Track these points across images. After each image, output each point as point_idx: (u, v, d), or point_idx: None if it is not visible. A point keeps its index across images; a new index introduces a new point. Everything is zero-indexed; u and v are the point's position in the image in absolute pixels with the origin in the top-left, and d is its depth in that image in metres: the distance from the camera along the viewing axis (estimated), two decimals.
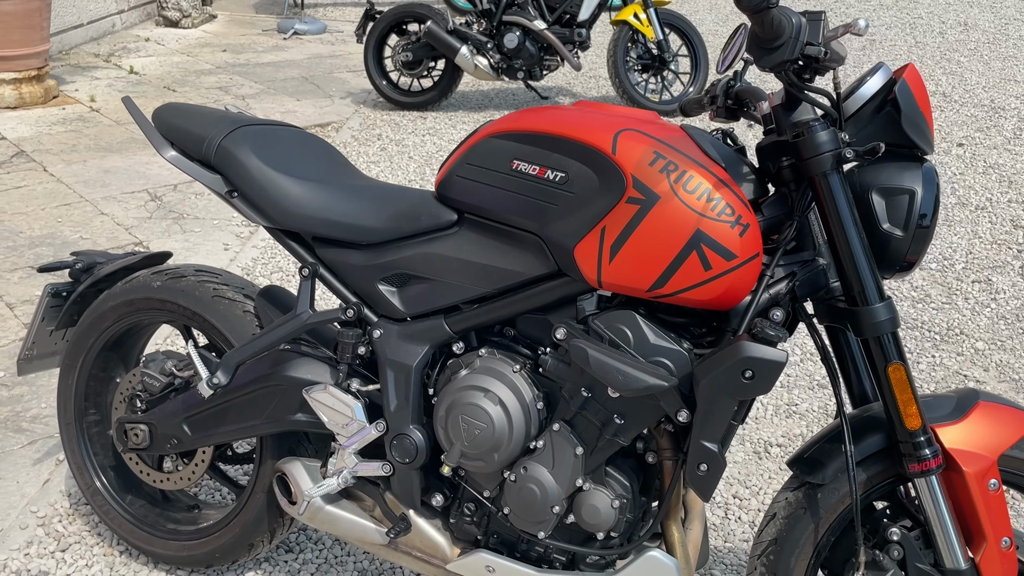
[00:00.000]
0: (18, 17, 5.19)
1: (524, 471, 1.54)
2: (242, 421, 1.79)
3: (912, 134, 1.41)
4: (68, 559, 2.07)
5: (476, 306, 1.59)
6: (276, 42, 7.57)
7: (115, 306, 1.93)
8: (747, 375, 1.35)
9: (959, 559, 1.39)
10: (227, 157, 1.72)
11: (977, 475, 1.38)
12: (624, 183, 1.40)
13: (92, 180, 4.34)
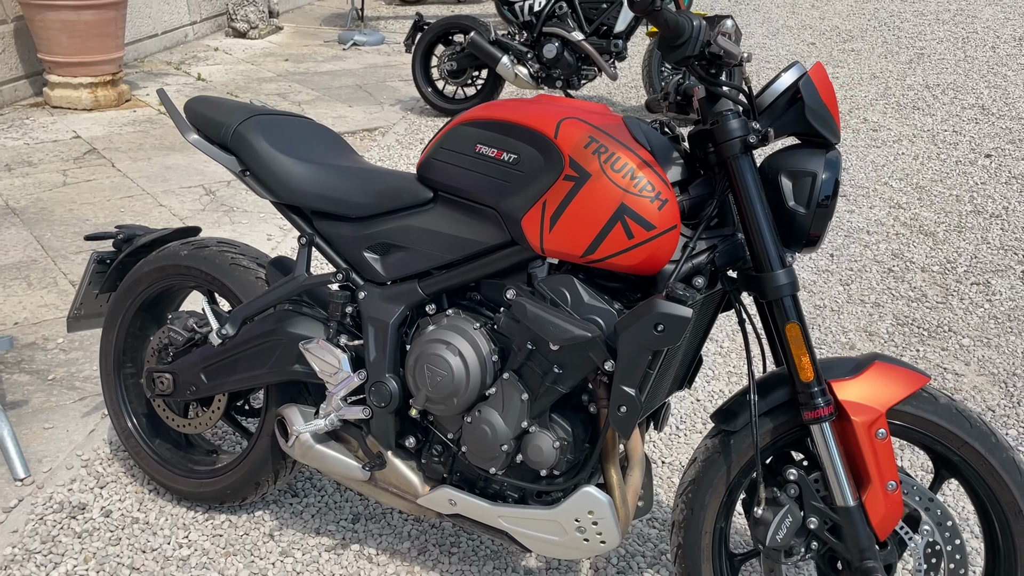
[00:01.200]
0: (95, 26, 5.64)
1: (479, 414, 1.78)
2: (249, 371, 2.06)
3: (816, 124, 1.61)
4: (104, 494, 2.36)
5: (445, 271, 1.83)
6: (335, 52, 7.97)
7: (149, 272, 2.23)
8: (659, 328, 1.55)
9: (848, 498, 1.57)
10: (241, 141, 2.01)
11: (866, 425, 1.56)
12: (563, 163, 1.63)
13: (154, 176, 4.72)
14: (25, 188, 4.43)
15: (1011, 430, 2.64)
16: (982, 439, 1.59)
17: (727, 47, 1.50)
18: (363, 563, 2.13)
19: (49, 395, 2.78)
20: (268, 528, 2.25)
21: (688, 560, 1.72)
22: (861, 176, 4.83)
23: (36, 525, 2.23)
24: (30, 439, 2.56)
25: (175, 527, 2.24)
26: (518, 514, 1.81)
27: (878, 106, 6.23)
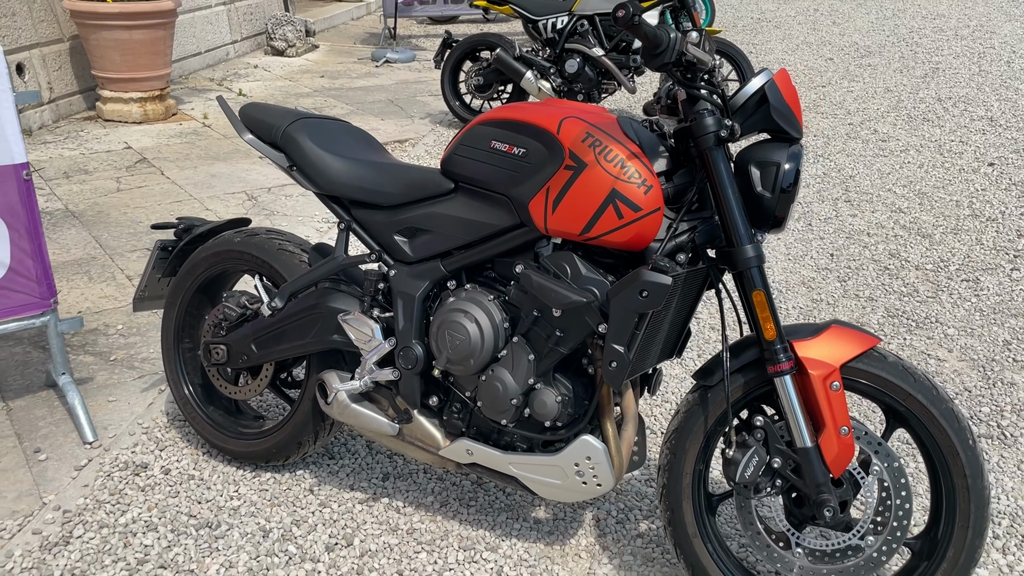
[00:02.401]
0: (145, 45, 6.04)
1: (492, 373, 2.05)
2: (295, 340, 2.36)
3: (780, 122, 1.87)
4: (164, 456, 2.67)
5: (464, 251, 2.12)
6: (369, 69, 8.34)
7: (206, 257, 2.54)
8: (643, 294, 1.82)
9: (806, 440, 1.83)
10: (289, 140, 2.31)
11: (821, 378, 1.82)
12: (563, 154, 1.91)
13: (200, 183, 5.07)
14: (83, 193, 4.80)
15: (984, 407, 2.87)
16: (924, 392, 1.84)
17: (698, 55, 1.78)
18: (391, 513, 2.41)
19: (111, 373, 3.10)
20: (308, 484, 2.53)
21: (671, 498, 1.98)
22: (867, 183, 5.06)
23: (104, 481, 2.54)
24: (96, 410, 2.87)
25: (226, 482, 2.54)
26: (526, 461, 2.09)
27: (889, 118, 6.45)
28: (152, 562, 2.23)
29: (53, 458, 2.63)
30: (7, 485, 2.51)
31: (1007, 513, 2.39)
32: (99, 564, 2.22)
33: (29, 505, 2.43)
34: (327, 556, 2.25)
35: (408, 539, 2.32)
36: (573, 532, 2.35)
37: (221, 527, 2.36)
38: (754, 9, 12.43)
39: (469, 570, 2.21)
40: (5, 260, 2.63)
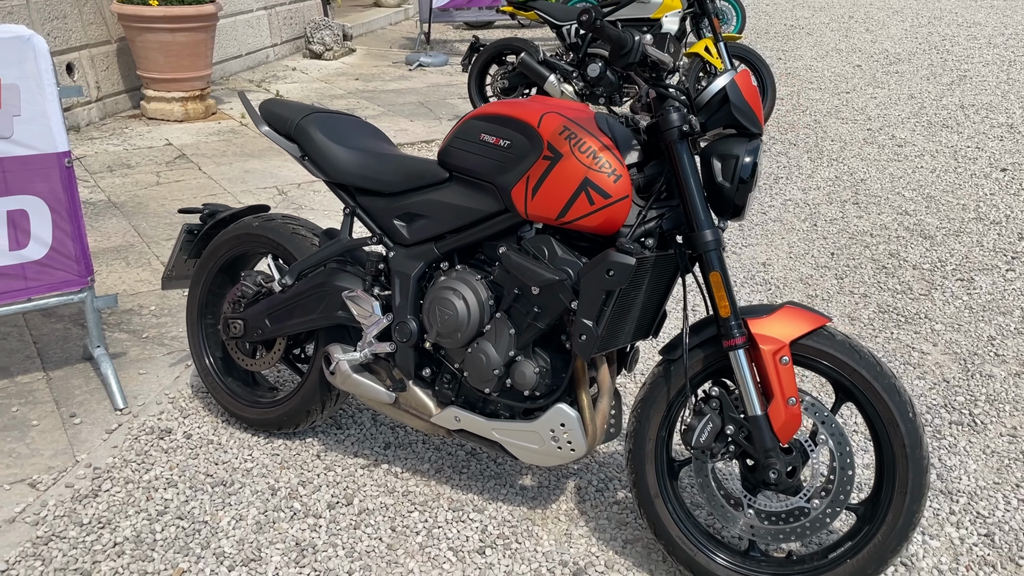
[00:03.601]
0: (187, 47, 6.34)
1: (477, 346, 2.25)
2: (304, 316, 2.57)
3: (740, 118, 2.04)
4: (186, 422, 2.90)
5: (455, 235, 2.32)
6: (402, 73, 8.59)
7: (227, 239, 2.77)
8: (609, 273, 2.01)
9: (756, 408, 1.99)
10: (302, 132, 2.53)
11: (771, 352, 1.98)
12: (543, 146, 2.10)
13: (235, 178, 5.34)
14: (124, 186, 5.09)
15: (959, 397, 3.00)
16: (869, 368, 1.99)
17: (658, 56, 1.96)
18: (390, 478, 2.62)
19: (143, 349, 3.35)
20: (316, 450, 2.75)
21: (635, 462, 2.16)
22: (876, 187, 5.17)
23: (132, 443, 2.78)
24: (127, 381, 3.12)
25: (241, 447, 2.77)
26: (507, 427, 2.28)
27: (908, 124, 6.53)
28: (171, 513, 2.46)
29: (87, 422, 2.88)
30: (45, 444, 2.76)
31: (966, 492, 2.52)
32: (123, 514, 2.45)
33: (64, 462, 2.68)
34: (328, 513, 2.46)
35: (403, 500, 2.52)
36: (555, 498, 2.53)
37: (234, 485, 2.58)
38: (788, 16, 12.50)
39: (456, 528, 2.40)
40: (47, 240, 2.89)
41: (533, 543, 2.35)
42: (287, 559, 2.29)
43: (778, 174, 5.44)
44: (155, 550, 2.32)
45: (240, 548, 2.33)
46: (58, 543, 2.34)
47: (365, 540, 2.36)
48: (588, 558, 2.29)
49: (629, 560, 2.28)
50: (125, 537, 2.37)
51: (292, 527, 2.41)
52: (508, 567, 2.26)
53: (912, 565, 2.24)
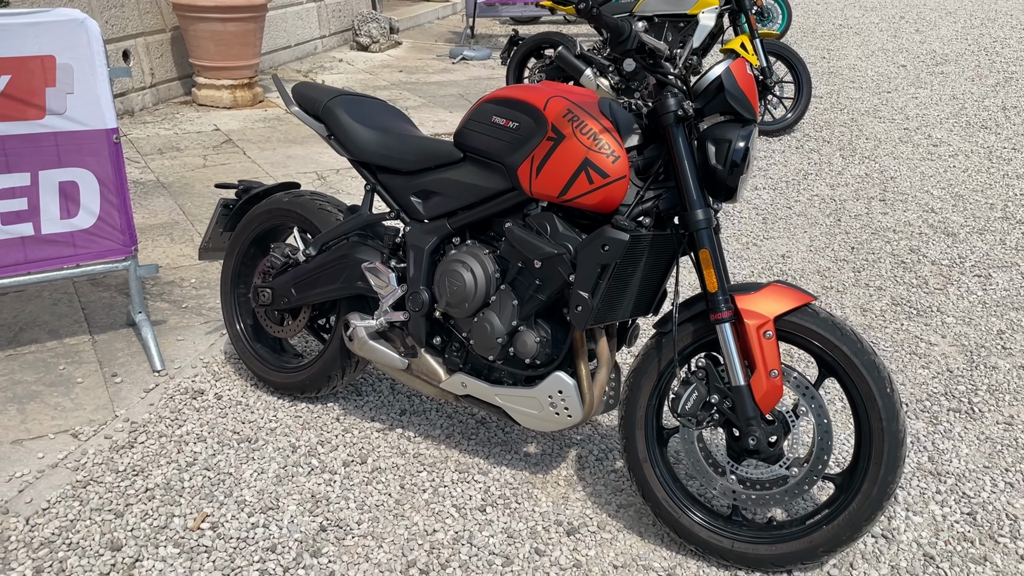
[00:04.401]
0: (237, 36, 6.58)
1: (483, 315, 2.39)
2: (327, 285, 2.74)
3: (734, 105, 2.15)
4: (218, 385, 3.09)
5: (466, 212, 2.46)
6: (446, 66, 8.77)
7: (259, 214, 2.95)
8: (604, 248, 2.13)
9: (739, 379, 2.11)
10: (329, 113, 2.70)
11: (755, 327, 2.09)
12: (547, 127, 2.23)
13: (277, 162, 5.55)
14: (173, 168, 5.33)
15: (961, 386, 3.06)
16: (850, 344, 2.09)
17: (652, 43, 2.08)
18: (402, 441, 2.78)
19: (182, 318, 3.55)
20: (336, 414, 2.92)
21: (627, 428, 2.28)
22: (906, 185, 5.19)
23: (167, 401, 2.98)
24: (166, 347, 3.32)
25: (267, 408, 2.95)
26: (509, 393, 2.42)
27: (947, 124, 6.51)
28: (199, 465, 2.65)
29: (127, 382, 3.09)
30: (88, 400, 2.97)
31: (954, 474, 2.60)
32: (155, 464, 2.65)
33: (104, 416, 2.88)
34: (343, 470, 2.63)
35: (413, 461, 2.67)
36: (556, 465, 2.66)
37: (258, 442, 2.76)
38: (838, 15, 12.41)
39: (461, 488, 2.55)
40: (95, 211, 3.10)
41: (532, 504, 2.48)
42: (302, 508, 2.46)
43: (808, 170, 5.49)
44: (182, 496, 2.51)
45: (260, 497, 2.50)
46: (95, 487, 2.54)
47: (375, 495, 2.52)
48: (582, 519, 2.42)
49: (620, 523, 2.41)
50: (156, 484, 2.56)
51: (309, 481, 2.58)
52: (506, 524, 2.40)
53: (893, 538, 2.33)
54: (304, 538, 2.35)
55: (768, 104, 6.30)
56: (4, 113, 2.88)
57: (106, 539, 2.33)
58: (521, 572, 2.23)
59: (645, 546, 2.32)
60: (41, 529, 2.36)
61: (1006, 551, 2.29)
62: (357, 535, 2.36)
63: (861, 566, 2.23)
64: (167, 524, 2.39)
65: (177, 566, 2.25)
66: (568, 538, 2.35)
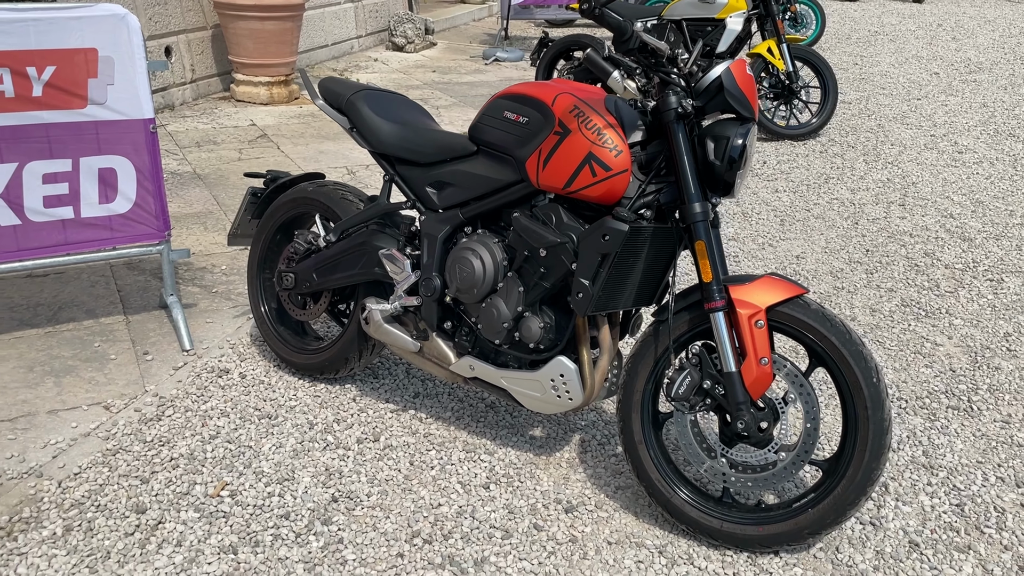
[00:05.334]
0: (275, 35, 6.78)
1: (490, 301, 2.51)
2: (346, 271, 2.87)
3: (733, 103, 2.24)
4: (243, 365, 3.24)
5: (478, 202, 2.58)
6: (478, 66, 8.91)
7: (286, 202, 3.10)
8: (605, 237, 2.24)
9: (731, 365, 2.20)
10: (351, 107, 2.84)
11: (747, 316, 2.18)
12: (554, 122, 2.35)
13: (309, 157, 5.72)
14: (209, 161, 5.52)
15: (962, 385, 3.11)
16: (838, 335, 2.17)
17: (652, 43, 2.18)
18: (414, 421, 2.90)
19: (212, 302, 3.72)
20: (352, 395, 3.05)
21: (624, 411, 2.39)
22: (927, 190, 5.22)
23: (194, 379, 3.13)
24: (195, 328, 3.48)
25: (288, 388, 3.09)
26: (514, 376, 2.53)
27: (974, 132, 6.51)
28: (221, 438, 2.79)
29: (157, 359, 3.25)
30: (120, 375, 3.13)
31: (947, 467, 2.66)
32: (181, 435, 2.80)
33: (134, 390, 3.04)
34: (356, 446, 2.76)
35: (423, 440, 2.80)
36: (560, 448, 2.77)
37: (278, 419, 2.90)
38: (875, 22, 12.37)
39: (467, 466, 2.67)
40: (132, 196, 3.27)
41: (534, 483, 2.60)
42: (316, 480, 2.59)
43: (830, 174, 5.53)
44: (204, 466, 2.65)
45: (277, 469, 2.64)
46: (124, 455, 2.69)
47: (385, 471, 2.65)
48: (581, 498, 2.53)
49: (617, 503, 2.51)
50: (180, 454, 2.71)
51: (324, 455, 2.71)
52: (508, 501, 2.51)
53: (880, 525, 2.41)
54: (316, 507, 2.48)
55: (794, 108, 6.35)
56: (49, 102, 3.06)
57: (132, 502, 2.48)
58: (519, 545, 2.34)
59: (639, 524, 2.42)
60: (72, 492, 2.52)
61: (991, 541, 2.35)
62: (366, 506, 2.49)
63: (847, 550, 2.31)
64: (189, 491, 2.54)
65: (196, 529, 2.39)
66: (566, 515, 2.46)
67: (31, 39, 2.99)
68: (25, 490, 2.52)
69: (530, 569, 2.25)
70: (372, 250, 2.80)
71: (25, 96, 3.02)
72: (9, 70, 2.96)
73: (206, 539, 2.35)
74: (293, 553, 2.31)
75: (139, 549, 2.31)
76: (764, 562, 2.27)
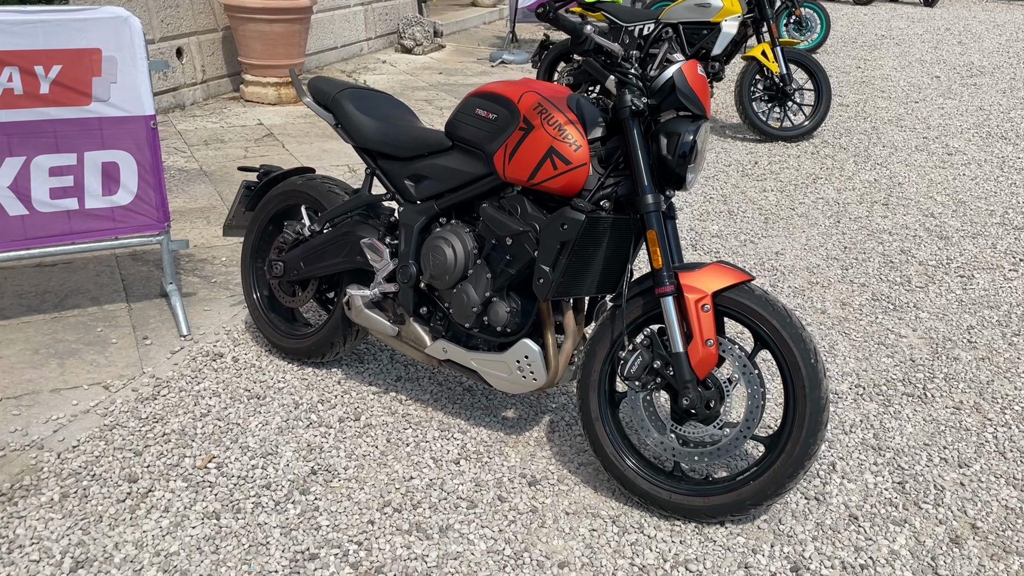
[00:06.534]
0: (283, 36, 6.97)
1: (461, 287, 2.67)
2: (331, 259, 3.04)
3: (685, 102, 2.39)
4: (236, 350, 3.42)
5: (451, 194, 2.75)
6: (484, 68, 9.08)
7: (277, 195, 3.27)
8: (563, 226, 2.40)
9: (678, 346, 2.35)
10: (337, 104, 3.01)
11: (694, 300, 2.33)
12: (520, 119, 2.51)
13: (312, 155, 5.90)
14: (216, 158, 5.72)
15: (919, 374, 3.24)
16: (779, 319, 2.32)
17: (606, 45, 2.33)
18: (394, 403, 3.07)
19: (211, 291, 3.90)
20: (338, 377, 3.22)
21: (582, 389, 2.54)
22: (912, 191, 5.34)
23: (189, 362, 3.31)
24: (193, 315, 3.66)
25: (277, 371, 3.26)
26: (483, 357, 2.69)
27: (967, 135, 6.61)
28: (212, 416, 2.97)
29: (156, 344, 3.43)
30: (120, 358, 3.32)
31: (894, 448, 2.80)
32: (174, 413, 2.98)
33: (133, 372, 3.23)
34: (338, 424, 2.93)
35: (401, 419, 2.96)
36: (530, 428, 2.93)
37: (266, 399, 3.08)
38: (883, 26, 12.45)
39: (440, 443, 2.83)
40: (133, 189, 3.45)
41: (502, 459, 2.75)
42: (297, 455, 2.76)
43: (818, 174, 5.66)
44: (194, 440, 2.83)
45: (262, 444, 2.81)
46: (119, 430, 2.87)
47: (363, 447, 2.81)
48: (545, 473, 2.68)
49: (579, 477, 2.67)
50: (172, 430, 2.88)
51: (307, 432, 2.88)
52: (476, 474, 2.67)
53: (824, 500, 2.55)
54: (296, 479, 2.65)
55: (788, 111, 6.48)
56: (56, 99, 3.25)
57: (125, 472, 2.66)
58: (483, 514, 2.50)
59: (596, 497, 2.57)
60: (70, 463, 2.70)
61: (927, 516, 2.49)
62: (343, 479, 2.66)
63: (789, 521, 2.46)
64: (179, 463, 2.72)
65: (184, 496, 2.56)
66: (530, 488, 2.61)
67: (39, 39, 3.18)
68: (27, 460, 2.71)
69: (491, 536, 2.41)
70: (355, 239, 2.97)
71: (33, 93, 3.21)
72: (18, 69, 3.16)
73: (192, 506, 2.52)
74: (271, 519, 2.47)
75: (129, 514, 2.49)
76: (710, 532, 2.42)
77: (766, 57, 6.29)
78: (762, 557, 2.32)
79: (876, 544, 2.37)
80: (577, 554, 2.34)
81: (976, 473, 2.68)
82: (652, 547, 2.36)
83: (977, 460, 2.74)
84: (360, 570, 2.29)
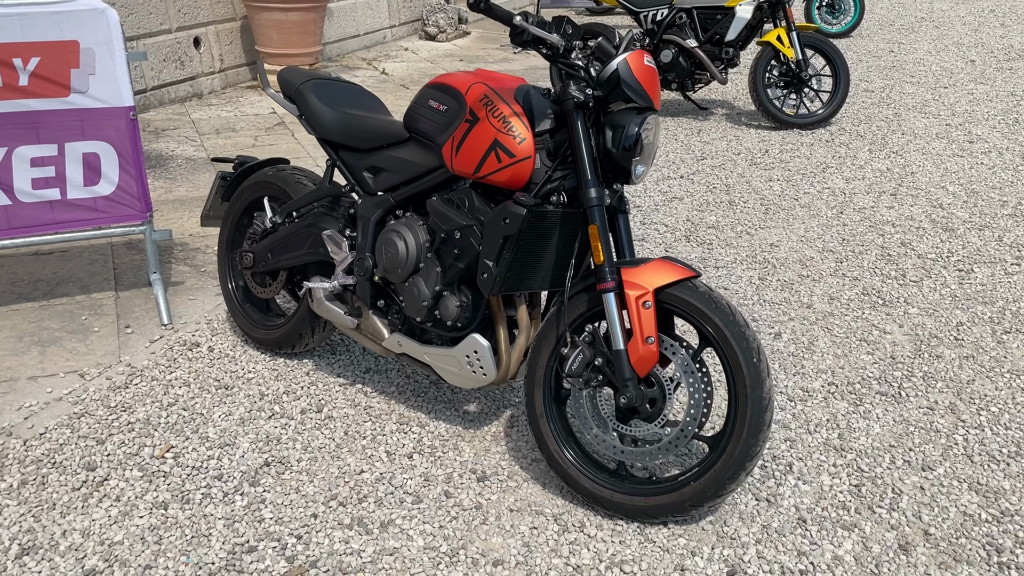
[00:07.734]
0: (299, 25, 7.01)
1: (413, 280, 2.65)
2: (295, 251, 3.05)
3: (630, 94, 2.34)
4: (213, 340, 3.45)
5: (406, 186, 2.73)
6: (506, 55, 9.02)
7: (250, 186, 3.29)
8: (505, 220, 2.36)
9: (619, 343, 2.30)
10: (300, 95, 3.00)
11: (635, 297, 2.28)
12: (466, 110, 2.47)
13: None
14: (224, 147, 5.77)
15: (897, 372, 3.14)
16: (722, 316, 2.26)
17: (545, 36, 2.28)
18: (359, 395, 3.07)
19: (198, 280, 3.94)
20: (307, 369, 3.24)
21: (528, 386, 2.51)
22: (924, 180, 5.18)
23: (166, 351, 3.35)
24: (177, 305, 3.71)
25: (249, 361, 3.29)
26: (435, 352, 2.68)
27: (993, 122, 6.39)
28: (178, 405, 3.00)
29: (137, 333, 3.48)
30: (100, 346, 3.37)
31: (857, 450, 2.72)
32: (142, 402, 3.02)
33: (110, 361, 3.28)
34: (299, 416, 2.94)
35: (362, 412, 2.96)
36: (488, 423, 2.91)
37: (233, 389, 3.10)
38: (924, 8, 12.08)
39: (397, 437, 2.83)
40: (114, 179, 3.50)
41: (455, 454, 2.74)
42: (254, 446, 2.78)
43: (829, 163, 5.52)
44: (157, 430, 2.87)
45: (221, 435, 2.84)
46: (87, 419, 2.92)
47: (320, 439, 2.82)
48: (495, 469, 2.66)
49: (529, 474, 2.64)
50: (138, 419, 2.93)
51: (267, 424, 2.90)
52: (427, 469, 2.66)
53: (775, 502, 2.49)
54: (248, 470, 2.67)
55: (804, 97, 6.32)
56: (34, 91, 3.30)
57: (84, 461, 2.70)
58: (427, 510, 2.49)
59: (543, 494, 2.54)
60: (34, 450, 2.76)
61: (878, 520, 2.41)
62: (295, 471, 2.67)
63: (734, 523, 2.40)
64: (138, 452, 2.75)
65: (137, 486, 2.60)
66: (478, 484, 2.60)
67: (17, 32, 3.23)
68: None
69: (430, 532, 2.40)
70: (317, 231, 2.97)
71: (12, 85, 3.27)
72: None
73: (143, 495, 2.56)
74: (218, 511, 2.50)
75: (82, 502, 2.53)
76: (652, 532, 2.37)
77: (781, 42, 6.14)
78: (700, 560, 2.27)
79: (820, 549, 2.30)
80: (513, 552, 2.32)
81: (939, 477, 2.59)
82: (590, 547, 2.33)
83: (942, 463, 2.65)
84: (295, 564, 2.30)
